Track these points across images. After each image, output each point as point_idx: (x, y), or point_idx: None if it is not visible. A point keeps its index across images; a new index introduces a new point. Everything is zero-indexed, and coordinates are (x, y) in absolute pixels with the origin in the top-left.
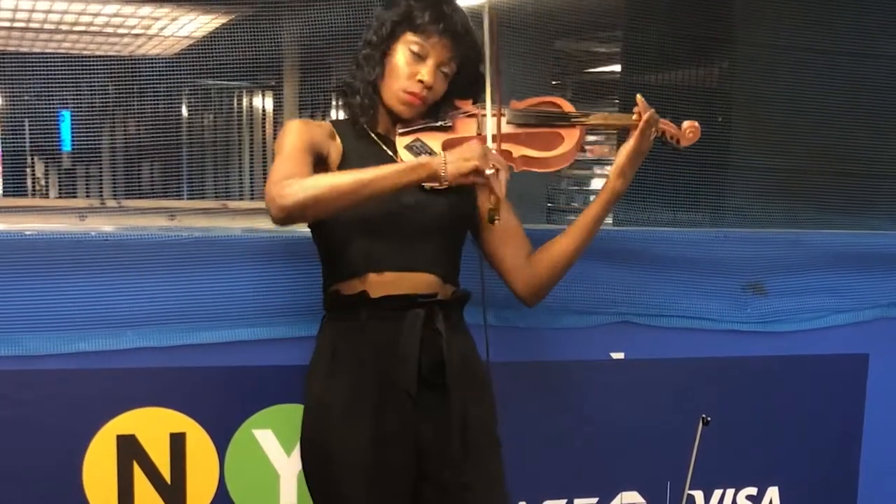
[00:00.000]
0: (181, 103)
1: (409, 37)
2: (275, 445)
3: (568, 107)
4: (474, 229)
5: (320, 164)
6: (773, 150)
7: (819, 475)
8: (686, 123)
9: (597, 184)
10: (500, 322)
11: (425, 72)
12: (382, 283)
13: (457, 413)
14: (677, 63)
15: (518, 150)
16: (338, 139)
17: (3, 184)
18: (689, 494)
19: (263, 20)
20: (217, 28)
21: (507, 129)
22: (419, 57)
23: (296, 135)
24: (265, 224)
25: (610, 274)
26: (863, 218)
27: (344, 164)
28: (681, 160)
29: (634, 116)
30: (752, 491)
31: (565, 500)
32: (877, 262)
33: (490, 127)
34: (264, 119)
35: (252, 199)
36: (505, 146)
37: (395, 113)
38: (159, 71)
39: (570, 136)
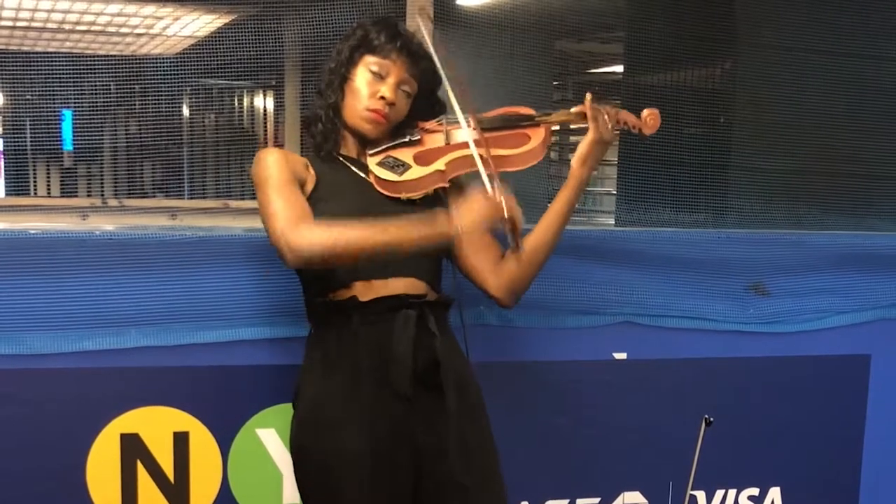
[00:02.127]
0: (183, 103)
1: (368, 59)
2: (278, 444)
3: (531, 112)
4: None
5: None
6: (776, 151)
7: (821, 476)
8: (645, 112)
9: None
10: (501, 322)
11: (386, 89)
12: (370, 289)
13: (452, 413)
14: (679, 63)
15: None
16: (311, 169)
17: (6, 183)
18: (691, 495)
19: (266, 20)
20: (219, 28)
21: (474, 134)
22: (379, 76)
23: (279, 167)
24: None
25: (612, 274)
26: (865, 219)
27: (317, 191)
28: (683, 161)
29: (578, 108)
30: (754, 491)
31: (567, 501)
32: (879, 262)
33: (464, 131)
34: (265, 119)
35: (253, 198)
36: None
37: (360, 134)
38: (161, 70)
39: (536, 135)
